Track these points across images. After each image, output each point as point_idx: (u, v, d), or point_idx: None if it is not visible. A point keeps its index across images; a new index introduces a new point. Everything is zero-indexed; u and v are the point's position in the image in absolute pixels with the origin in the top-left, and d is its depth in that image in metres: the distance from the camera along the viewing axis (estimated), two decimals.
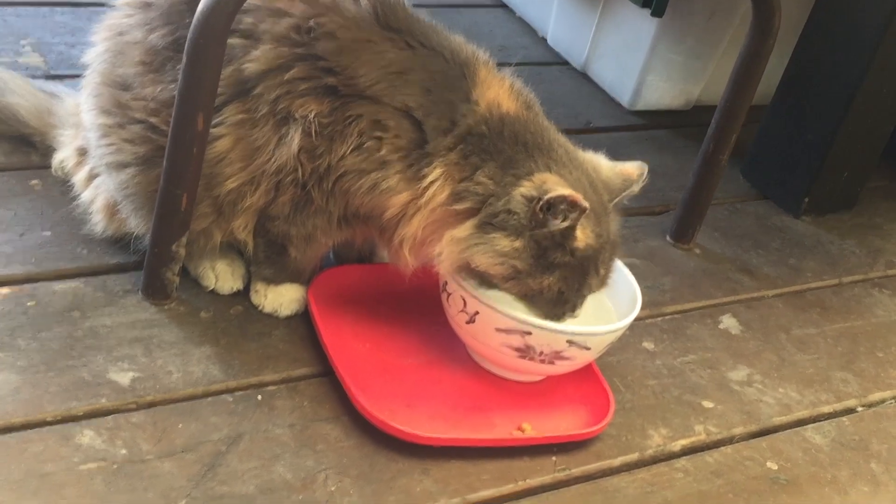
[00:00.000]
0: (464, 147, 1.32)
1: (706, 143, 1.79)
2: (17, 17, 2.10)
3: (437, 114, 1.32)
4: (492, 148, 1.32)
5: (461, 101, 1.33)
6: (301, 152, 1.33)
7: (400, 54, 1.33)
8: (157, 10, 1.40)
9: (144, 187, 1.42)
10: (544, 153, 1.33)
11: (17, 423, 1.24)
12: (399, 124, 1.32)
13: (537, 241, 1.29)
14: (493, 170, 1.31)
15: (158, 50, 1.38)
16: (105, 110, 1.44)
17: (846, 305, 1.85)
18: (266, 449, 1.28)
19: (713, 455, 1.45)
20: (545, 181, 1.29)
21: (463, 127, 1.32)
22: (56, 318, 1.40)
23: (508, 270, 1.31)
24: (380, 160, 1.32)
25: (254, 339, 1.45)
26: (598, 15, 2.37)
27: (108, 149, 1.44)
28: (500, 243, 1.29)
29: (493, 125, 1.33)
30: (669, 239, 1.90)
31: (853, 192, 2.15)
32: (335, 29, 1.32)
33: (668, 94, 2.37)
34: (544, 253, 1.30)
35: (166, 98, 1.37)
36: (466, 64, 1.36)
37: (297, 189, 1.36)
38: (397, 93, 1.32)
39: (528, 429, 1.38)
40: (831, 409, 1.59)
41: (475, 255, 1.31)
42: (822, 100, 2.00)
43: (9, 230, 1.53)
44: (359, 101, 1.32)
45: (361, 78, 1.31)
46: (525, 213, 1.28)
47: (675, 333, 1.67)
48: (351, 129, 1.32)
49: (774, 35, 1.67)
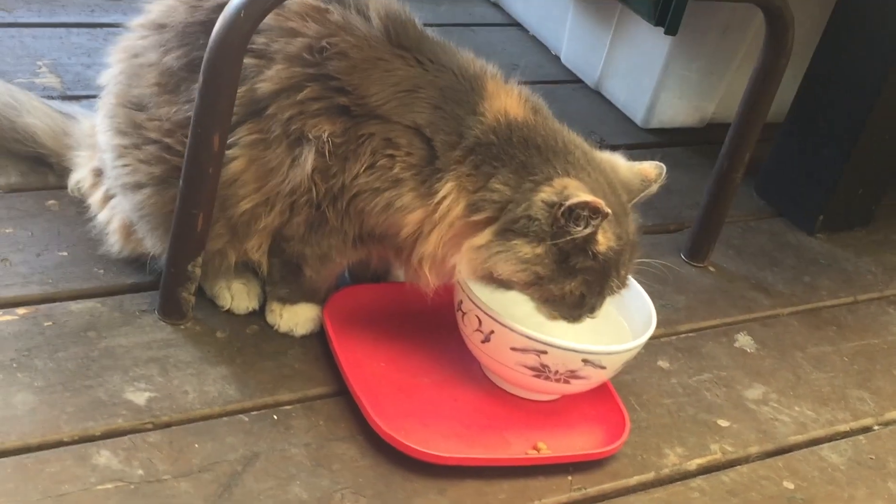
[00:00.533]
0: (473, 158, 1.32)
1: (720, 161, 1.79)
2: (34, 39, 2.12)
3: (446, 129, 1.32)
4: (503, 155, 1.32)
5: (468, 114, 1.33)
6: (315, 172, 1.33)
7: (410, 72, 1.34)
8: (172, 31, 1.41)
9: (160, 208, 1.42)
10: (560, 156, 1.33)
11: (34, 444, 1.24)
12: (410, 142, 1.32)
13: (559, 246, 1.29)
14: (507, 176, 1.31)
15: (174, 71, 1.39)
16: (121, 131, 1.45)
17: (862, 323, 1.85)
18: (282, 469, 1.29)
19: (729, 474, 1.44)
20: (566, 186, 1.29)
21: (470, 139, 1.32)
22: (72, 339, 1.40)
23: (531, 277, 1.31)
24: (393, 178, 1.33)
25: (269, 359, 1.45)
26: (612, 33, 2.37)
27: (124, 169, 1.44)
28: (522, 250, 1.29)
29: (502, 133, 1.33)
30: (684, 257, 1.90)
31: (868, 209, 2.14)
32: (347, 48, 1.33)
33: (682, 112, 2.37)
34: (566, 258, 1.30)
35: (181, 119, 1.38)
36: (475, 78, 1.36)
37: (311, 209, 1.37)
38: (407, 111, 1.32)
39: (543, 448, 1.38)
40: (848, 427, 1.59)
41: (497, 263, 1.30)
42: (837, 117, 2.00)
43: (26, 250, 1.54)
44: (371, 121, 1.32)
45: (373, 97, 1.32)
46: (546, 220, 1.28)
47: (690, 352, 1.67)
48: (363, 148, 1.33)
49: (788, 52, 1.67)
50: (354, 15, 1.36)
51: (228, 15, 1.25)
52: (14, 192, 1.65)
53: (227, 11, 1.25)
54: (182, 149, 1.36)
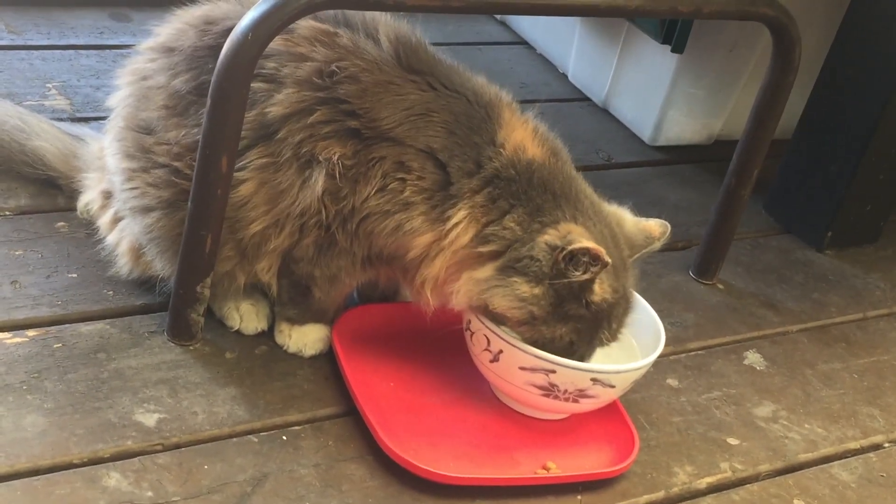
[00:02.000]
0: (491, 190, 1.33)
1: (728, 178, 1.80)
2: (43, 61, 2.13)
3: (462, 156, 1.33)
4: (522, 194, 1.33)
5: (486, 143, 1.34)
6: (325, 195, 1.34)
7: (423, 96, 1.34)
8: (181, 55, 1.41)
9: (169, 231, 1.43)
10: (571, 203, 1.34)
11: (44, 466, 1.25)
12: (423, 166, 1.33)
13: (556, 289, 1.30)
14: (521, 216, 1.32)
15: (182, 95, 1.40)
16: (129, 154, 1.45)
17: (871, 340, 1.84)
18: (291, 489, 1.29)
19: (739, 493, 1.44)
20: (570, 231, 1.30)
21: (489, 170, 1.33)
22: (82, 360, 1.41)
23: (525, 315, 1.32)
24: (403, 202, 1.33)
25: (278, 379, 1.45)
26: (619, 51, 2.38)
27: (133, 192, 1.45)
28: (521, 288, 1.30)
29: (522, 170, 1.34)
30: (692, 274, 1.90)
31: (876, 225, 2.14)
32: (357, 72, 1.34)
33: (690, 129, 2.37)
34: (561, 302, 1.31)
35: (190, 143, 1.38)
36: (490, 105, 1.37)
37: (321, 231, 1.37)
38: (420, 134, 1.33)
39: (552, 467, 1.38)
40: (858, 445, 1.58)
41: (494, 297, 1.32)
42: (844, 133, 2.00)
43: (35, 272, 1.54)
44: (382, 143, 1.33)
45: (384, 120, 1.33)
46: (547, 261, 1.29)
47: (700, 370, 1.67)
48: (374, 170, 1.33)
49: (795, 69, 1.67)
50: (364, 39, 1.37)
51: (236, 38, 1.26)
52: (24, 214, 1.66)
53: (235, 34, 1.26)
54: (191, 172, 1.36)
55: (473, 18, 2.81)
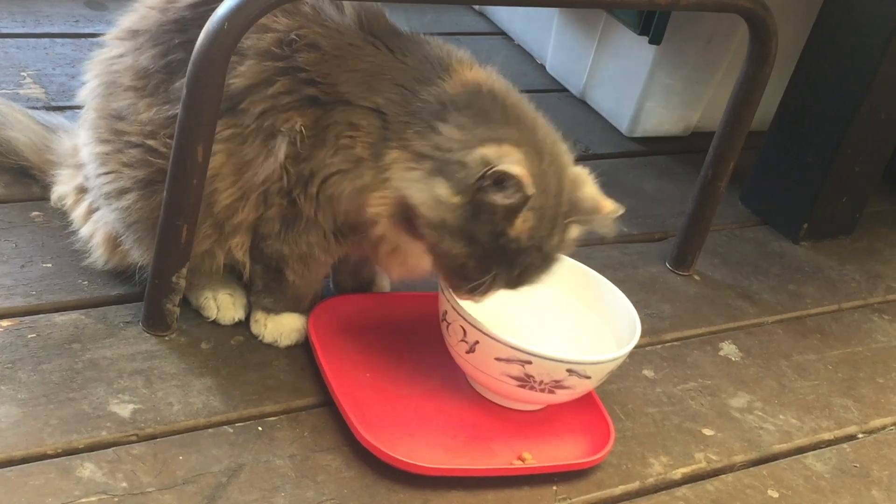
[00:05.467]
0: (424, 115, 1.30)
1: (704, 170, 1.80)
2: (18, 49, 2.11)
3: (401, 103, 1.32)
4: (462, 105, 1.30)
5: (429, 85, 1.33)
6: (287, 161, 1.34)
7: (379, 57, 1.34)
8: (145, 34, 1.42)
9: (147, 213, 1.42)
10: (526, 130, 1.31)
11: (18, 457, 1.24)
12: (370, 122, 1.32)
13: (476, 205, 1.25)
14: (460, 120, 1.29)
15: (150, 73, 1.40)
16: (102, 140, 1.45)
17: (846, 331, 1.85)
18: (267, 480, 1.28)
19: (714, 483, 1.45)
20: (509, 154, 1.25)
21: (419, 102, 1.31)
22: (57, 351, 1.40)
23: (436, 219, 1.27)
24: (354, 159, 1.32)
25: (254, 370, 1.45)
26: (597, 42, 2.38)
27: (107, 177, 1.44)
28: (441, 190, 1.26)
29: (469, 89, 1.32)
30: (669, 266, 1.91)
31: (852, 217, 2.15)
32: (317, 39, 1.34)
33: (667, 121, 2.37)
34: (476, 220, 1.26)
35: (162, 119, 1.38)
36: (441, 59, 1.36)
37: (283, 200, 1.37)
38: (371, 93, 1.32)
39: (528, 458, 1.38)
40: (832, 435, 1.59)
41: (412, 189, 1.28)
42: (820, 125, 2.01)
43: (9, 262, 1.53)
44: (338, 107, 1.33)
45: (342, 85, 1.33)
46: (474, 173, 1.24)
47: (675, 361, 1.67)
48: (329, 133, 1.33)
49: (771, 61, 1.68)
50: (328, 5, 1.37)
51: (212, 27, 1.25)
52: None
53: (211, 23, 1.25)
54: (165, 150, 1.36)
55: (452, 9, 2.80)
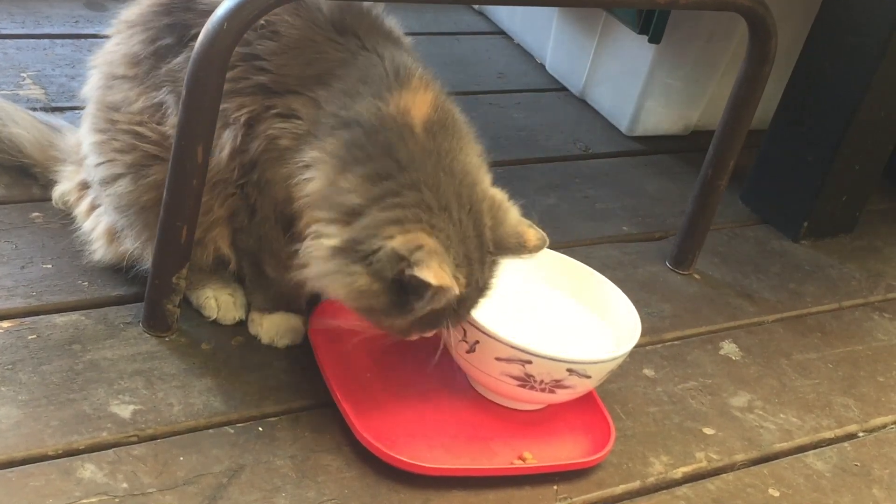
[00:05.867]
0: (347, 136, 1.27)
1: (704, 169, 1.80)
2: (18, 50, 2.11)
3: (338, 102, 1.30)
4: (378, 155, 1.26)
5: (371, 95, 1.29)
6: (235, 150, 1.34)
7: (336, 55, 1.33)
8: (137, 21, 1.43)
9: (136, 197, 1.42)
10: (431, 190, 1.26)
11: (19, 458, 1.24)
12: (306, 113, 1.31)
13: (401, 282, 1.23)
14: (363, 179, 1.26)
15: (140, 59, 1.41)
16: (98, 129, 1.46)
17: (847, 330, 1.85)
18: (267, 481, 1.28)
19: (715, 482, 1.45)
20: (419, 244, 1.22)
21: (351, 113, 1.28)
22: (57, 352, 1.40)
23: (363, 307, 1.27)
24: (283, 148, 1.32)
25: (255, 371, 1.45)
26: (596, 41, 2.38)
27: (103, 166, 1.45)
28: (360, 280, 1.24)
29: (390, 128, 1.27)
30: (669, 265, 1.91)
31: (852, 215, 2.15)
32: (282, 29, 1.34)
33: (667, 120, 2.37)
34: (404, 296, 1.24)
35: (148, 105, 1.39)
36: (400, 69, 1.32)
37: (236, 189, 1.37)
38: (316, 84, 1.31)
39: (529, 458, 1.38)
40: (833, 434, 1.59)
41: (332, 283, 1.27)
42: (820, 123, 2.01)
43: (10, 263, 1.53)
44: (283, 96, 1.32)
45: (291, 77, 1.32)
46: (391, 268, 1.22)
47: (676, 360, 1.67)
48: (270, 123, 1.32)
49: (771, 60, 1.68)
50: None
51: (212, 27, 1.25)
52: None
53: (211, 23, 1.25)
54: (152, 135, 1.37)
55: (451, 8, 2.81)
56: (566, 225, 1.96)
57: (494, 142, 2.17)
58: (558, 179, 2.11)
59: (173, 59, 1.38)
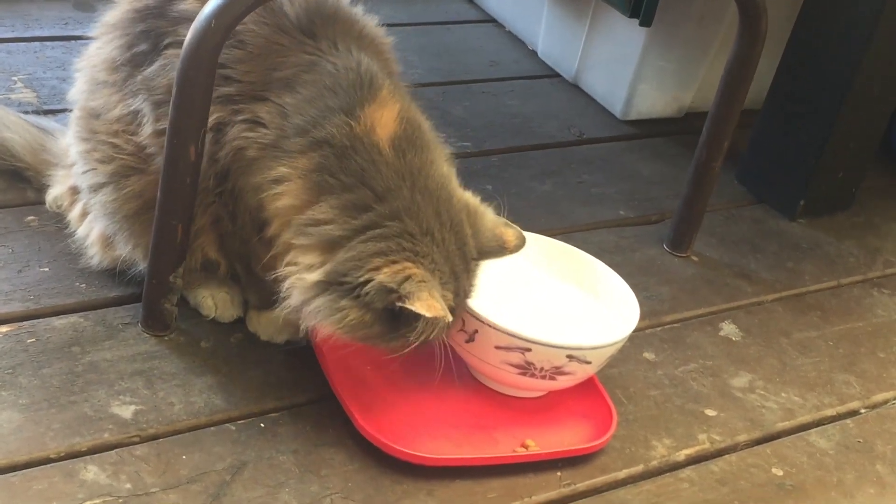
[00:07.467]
0: (318, 158, 1.26)
1: (699, 150, 1.80)
2: (8, 54, 2.11)
3: (306, 114, 1.28)
4: (349, 180, 1.25)
5: (340, 109, 1.27)
6: (210, 159, 1.33)
7: (303, 59, 1.31)
8: (117, 25, 1.42)
9: (119, 205, 1.42)
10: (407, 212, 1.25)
11: (21, 462, 1.24)
12: (273, 121, 1.29)
13: (391, 311, 1.23)
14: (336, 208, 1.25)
15: (118, 65, 1.40)
16: (82, 138, 1.46)
17: (846, 307, 1.85)
18: (270, 476, 1.28)
19: (718, 463, 1.45)
20: (407, 275, 1.21)
21: (322, 133, 1.26)
22: (56, 354, 1.40)
23: (359, 336, 1.26)
24: (250, 159, 1.30)
25: (255, 367, 1.45)
26: (588, 26, 2.37)
27: (88, 174, 1.45)
28: (350, 314, 1.23)
29: (360, 150, 1.25)
30: (666, 247, 1.90)
31: (849, 192, 2.15)
32: (246, 37, 1.32)
33: (660, 103, 2.37)
34: (398, 320, 1.24)
35: (124, 114, 1.39)
36: (371, 77, 1.30)
37: (215, 198, 1.37)
38: (283, 91, 1.30)
39: (531, 445, 1.39)
40: (834, 412, 1.59)
41: (321, 319, 1.25)
42: (814, 101, 2.01)
43: (6, 267, 1.53)
44: (249, 102, 1.31)
45: (256, 83, 1.31)
46: (381, 300, 1.21)
47: (676, 342, 1.67)
48: (237, 131, 1.31)
49: (762, 39, 1.67)
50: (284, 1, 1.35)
51: (199, 25, 1.25)
52: None
53: (198, 22, 1.25)
54: (128, 146, 1.38)
55: None
56: (562, 211, 1.96)
57: (488, 130, 2.17)
58: (553, 166, 2.11)
59: (148, 67, 1.37)
